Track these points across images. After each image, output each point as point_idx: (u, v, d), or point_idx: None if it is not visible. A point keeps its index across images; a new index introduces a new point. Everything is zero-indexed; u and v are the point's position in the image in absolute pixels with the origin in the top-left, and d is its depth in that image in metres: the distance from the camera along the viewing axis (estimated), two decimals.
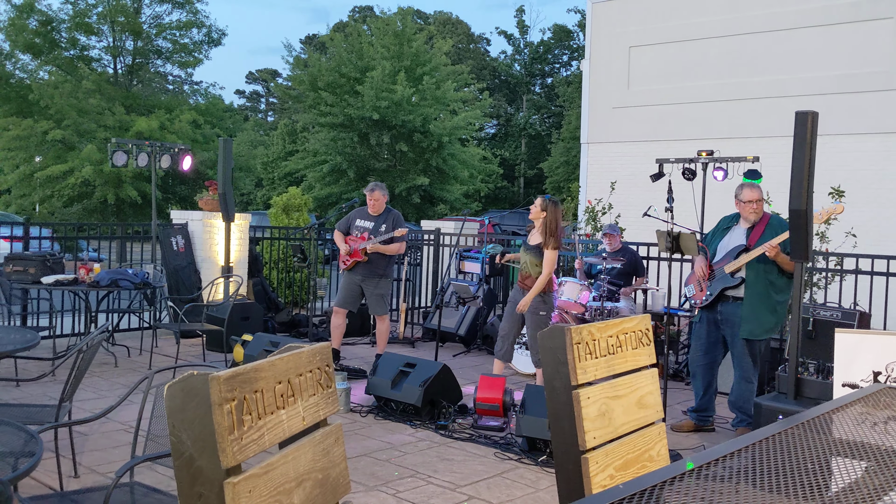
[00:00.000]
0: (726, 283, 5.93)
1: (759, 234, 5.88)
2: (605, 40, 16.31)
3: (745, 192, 6.00)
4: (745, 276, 5.85)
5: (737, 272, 5.90)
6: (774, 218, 6.01)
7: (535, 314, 6.48)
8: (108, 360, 7.76)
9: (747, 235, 5.94)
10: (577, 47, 44.67)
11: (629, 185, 13.00)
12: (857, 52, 13.11)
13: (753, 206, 5.95)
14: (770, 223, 5.93)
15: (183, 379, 1.63)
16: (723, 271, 5.97)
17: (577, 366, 2.34)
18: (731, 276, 5.91)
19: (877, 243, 10.17)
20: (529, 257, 6.50)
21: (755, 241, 5.85)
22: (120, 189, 26.38)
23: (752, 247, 5.84)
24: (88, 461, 4.87)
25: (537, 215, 6.46)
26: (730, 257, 5.96)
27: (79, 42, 28.07)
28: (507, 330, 6.75)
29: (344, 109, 27.63)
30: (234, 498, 1.63)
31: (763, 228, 5.91)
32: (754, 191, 6.00)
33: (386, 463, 5.10)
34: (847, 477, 1.63)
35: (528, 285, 6.49)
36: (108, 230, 11.10)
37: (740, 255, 5.88)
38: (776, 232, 5.78)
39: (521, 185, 43.07)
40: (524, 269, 6.55)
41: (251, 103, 60.04)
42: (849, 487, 1.54)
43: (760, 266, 5.81)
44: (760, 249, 5.74)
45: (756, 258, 5.78)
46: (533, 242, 6.50)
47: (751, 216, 5.97)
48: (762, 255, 5.74)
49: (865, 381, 3.58)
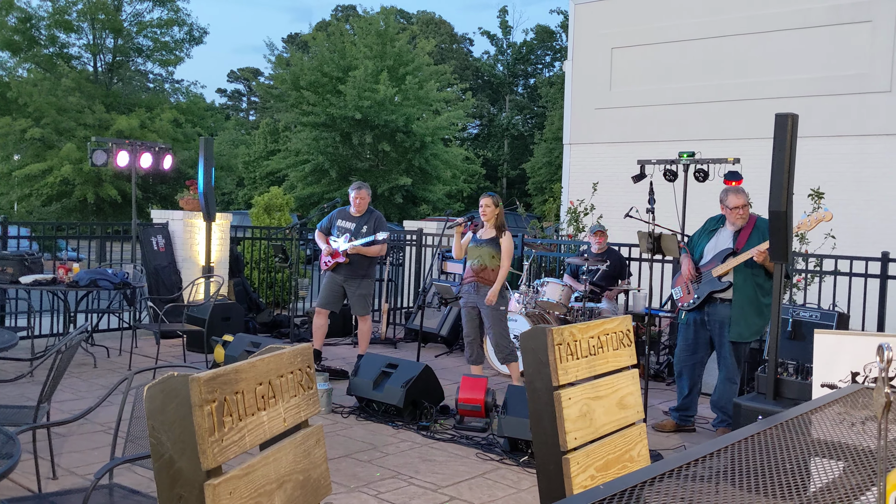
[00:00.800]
0: (714, 287, 5.96)
1: (747, 238, 5.90)
2: (587, 42, 16.36)
3: (731, 198, 6.02)
4: (734, 279, 5.88)
5: (724, 276, 5.92)
6: (761, 220, 6.00)
7: (496, 309, 6.78)
8: (88, 361, 7.69)
9: (734, 239, 5.96)
10: (559, 48, 44.76)
11: (611, 186, 13.06)
12: (836, 55, 13.23)
13: (740, 211, 5.98)
14: (757, 226, 5.94)
15: (163, 380, 1.62)
16: (710, 274, 5.99)
17: (558, 367, 2.35)
18: (719, 280, 5.94)
19: (855, 244, 10.26)
20: (486, 250, 6.83)
21: (743, 244, 5.88)
22: (100, 188, 26.16)
23: (739, 250, 5.87)
24: (67, 463, 4.83)
25: (493, 212, 6.87)
26: (717, 260, 5.98)
27: (58, 39, 27.81)
28: (471, 335, 6.92)
29: (326, 109, 27.54)
30: (214, 500, 1.62)
31: (750, 231, 5.93)
32: (740, 197, 6.01)
33: (367, 464, 5.09)
34: (825, 476, 1.64)
35: (484, 277, 6.79)
36: (88, 229, 11.02)
37: (727, 258, 5.91)
38: (763, 235, 5.79)
39: (504, 185, 43.11)
40: (479, 263, 6.83)
41: (233, 102, 59.70)
42: (827, 487, 1.55)
43: (748, 269, 5.84)
44: (748, 254, 5.76)
45: (744, 262, 5.81)
46: (487, 237, 6.87)
47: (738, 221, 6.00)
48: (750, 259, 5.77)
49: (844, 382, 3.61)
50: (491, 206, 6.86)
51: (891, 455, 1.54)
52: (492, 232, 6.87)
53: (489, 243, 6.82)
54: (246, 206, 34.21)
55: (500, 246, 6.78)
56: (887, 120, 12.75)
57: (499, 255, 6.77)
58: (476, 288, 6.81)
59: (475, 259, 6.85)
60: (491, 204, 6.86)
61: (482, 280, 6.78)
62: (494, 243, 6.80)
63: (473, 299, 6.86)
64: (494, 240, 6.81)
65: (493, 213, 6.86)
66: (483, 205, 6.90)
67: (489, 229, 6.90)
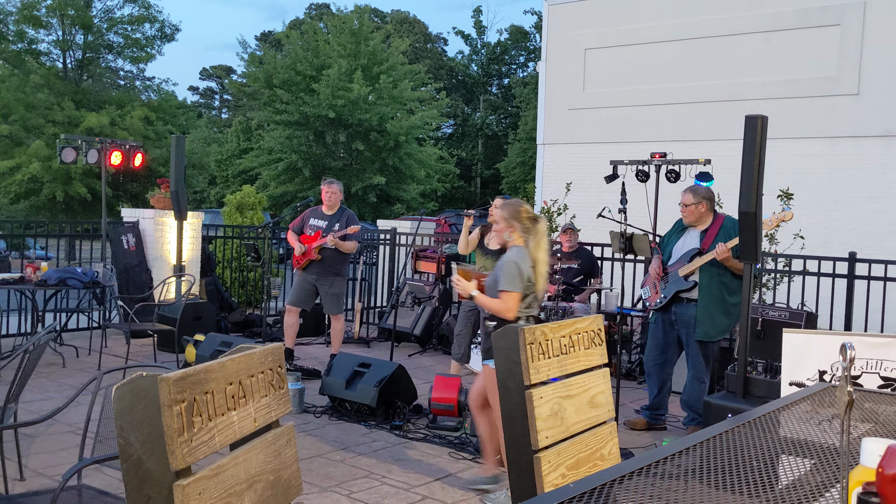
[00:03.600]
0: (680, 286, 6.01)
1: (713, 237, 5.95)
2: (561, 42, 16.43)
3: (681, 195, 6.12)
4: (699, 278, 5.93)
5: (690, 275, 5.98)
6: (728, 220, 6.06)
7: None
8: (56, 361, 7.60)
9: (701, 238, 6.02)
10: (533, 49, 44.92)
11: (584, 187, 13.13)
12: (805, 58, 13.40)
13: (682, 209, 6.07)
14: (724, 225, 6.00)
15: (131, 380, 1.61)
16: (677, 274, 6.05)
17: (530, 366, 2.36)
18: (685, 280, 5.99)
19: (824, 245, 10.41)
20: (493, 263, 6.23)
21: (709, 244, 5.93)
22: (69, 186, 25.81)
23: (705, 250, 5.92)
24: (35, 464, 4.77)
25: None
26: (684, 260, 6.03)
27: (27, 35, 27.37)
28: (464, 333, 6.81)
29: (300, 107, 27.41)
30: (183, 500, 1.61)
31: (717, 231, 5.99)
32: (686, 195, 6.08)
33: (340, 464, 5.08)
34: (793, 473, 1.66)
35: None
36: (57, 228, 10.86)
37: (694, 258, 5.96)
38: (730, 234, 5.85)
39: (478, 185, 43.18)
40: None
41: (205, 100, 59.21)
42: (794, 484, 1.57)
43: (714, 269, 5.89)
44: (713, 254, 5.82)
45: (709, 261, 5.86)
46: (496, 248, 6.30)
47: (686, 219, 6.09)
48: (715, 258, 5.82)
49: (811, 380, 3.66)
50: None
51: (854, 452, 1.56)
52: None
53: (495, 255, 6.37)
54: (218, 204, 33.95)
55: None
56: (855, 122, 12.94)
57: None
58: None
59: (480, 268, 6.51)
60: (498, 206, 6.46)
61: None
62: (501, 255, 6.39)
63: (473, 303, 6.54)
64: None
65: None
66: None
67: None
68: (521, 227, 4.53)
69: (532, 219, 4.56)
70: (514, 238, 4.55)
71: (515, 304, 4.40)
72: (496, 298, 4.44)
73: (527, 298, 4.48)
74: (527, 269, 4.44)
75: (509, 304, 4.38)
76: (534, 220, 4.55)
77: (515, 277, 4.39)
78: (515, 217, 4.54)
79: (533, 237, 4.52)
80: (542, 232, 4.53)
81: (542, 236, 4.53)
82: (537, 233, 4.53)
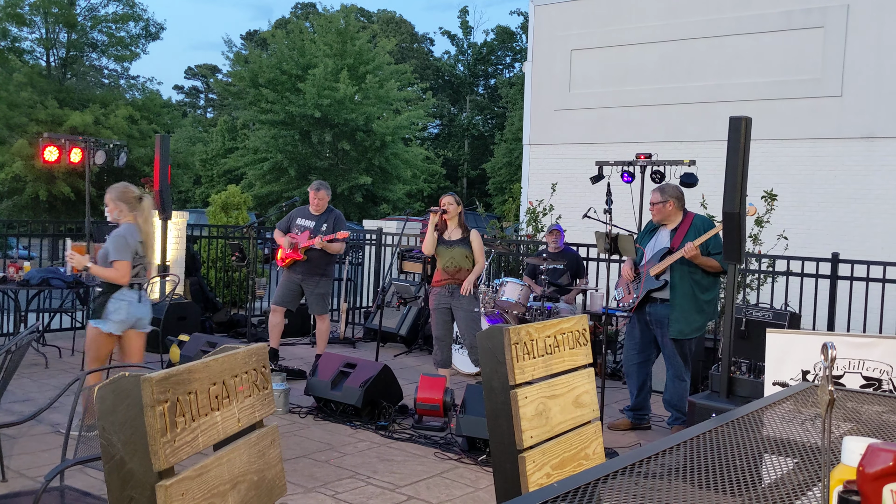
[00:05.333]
0: (651, 286, 6.05)
1: (683, 236, 5.99)
2: (547, 43, 16.46)
3: (651, 194, 6.19)
4: (671, 277, 5.96)
5: (661, 274, 6.00)
6: (698, 218, 6.12)
7: (469, 311, 6.69)
8: (39, 361, 7.54)
9: (671, 237, 6.06)
10: (519, 49, 44.96)
11: (570, 187, 13.15)
12: (789, 59, 13.48)
13: (651, 207, 6.14)
14: (693, 223, 6.03)
15: (114, 380, 1.59)
16: (648, 273, 6.08)
17: (515, 366, 2.36)
18: (656, 279, 6.02)
19: (807, 245, 10.48)
20: (458, 251, 6.73)
21: (679, 242, 5.96)
22: (52, 185, 25.63)
23: (675, 249, 5.95)
24: (17, 465, 4.73)
25: (456, 210, 6.79)
26: (655, 260, 6.06)
27: (10, 33, 27.17)
28: (443, 337, 6.84)
29: (285, 107, 27.32)
30: (166, 501, 1.60)
31: (686, 229, 6.02)
32: (654, 193, 6.16)
33: (325, 464, 5.07)
34: (775, 472, 1.67)
35: (460, 279, 6.70)
36: (40, 227, 10.79)
37: (665, 257, 6.00)
38: (699, 232, 5.89)
39: (464, 185, 43.18)
40: (453, 265, 6.72)
41: (190, 99, 58.89)
42: (776, 483, 1.58)
43: (685, 267, 5.92)
44: (681, 252, 5.85)
45: (680, 259, 5.89)
46: (455, 238, 6.77)
47: (654, 217, 6.16)
48: (685, 257, 5.86)
49: (795, 380, 3.69)
50: (454, 204, 6.79)
51: (835, 451, 1.57)
52: (459, 232, 6.79)
53: (460, 244, 6.74)
54: (203, 204, 33.78)
55: (471, 245, 6.73)
56: (838, 124, 13.03)
57: (472, 254, 6.73)
58: (450, 291, 6.70)
59: (448, 261, 6.73)
60: (454, 202, 6.80)
61: (458, 282, 6.69)
62: (465, 243, 6.73)
63: (447, 301, 6.73)
64: (464, 240, 6.74)
65: (457, 212, 6.80)
66: (445, 203, 6.81)
67: (455, 229, 6.82)
68: (128, 207, 5.15)
69: (137, 198, 5.18)
70: (124, 216, 5.15)
71: (127, 271, 5.05)
72: (109, 268, 5.01)
73: (136, 268, 5.13)
74: (134, 242, 5.09)
75: (122, 272, 5.02)
76: (139, 199, 5.18)
77: (123, 248, 5.03)
78: (122, 198, 5.15)
79: (140, 213, 5.15)
80: (147, 208, 5.16)
81: (149, 212, 5.17)
82: (143, 210, 5.16)
